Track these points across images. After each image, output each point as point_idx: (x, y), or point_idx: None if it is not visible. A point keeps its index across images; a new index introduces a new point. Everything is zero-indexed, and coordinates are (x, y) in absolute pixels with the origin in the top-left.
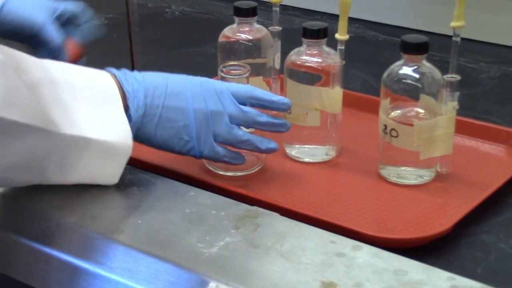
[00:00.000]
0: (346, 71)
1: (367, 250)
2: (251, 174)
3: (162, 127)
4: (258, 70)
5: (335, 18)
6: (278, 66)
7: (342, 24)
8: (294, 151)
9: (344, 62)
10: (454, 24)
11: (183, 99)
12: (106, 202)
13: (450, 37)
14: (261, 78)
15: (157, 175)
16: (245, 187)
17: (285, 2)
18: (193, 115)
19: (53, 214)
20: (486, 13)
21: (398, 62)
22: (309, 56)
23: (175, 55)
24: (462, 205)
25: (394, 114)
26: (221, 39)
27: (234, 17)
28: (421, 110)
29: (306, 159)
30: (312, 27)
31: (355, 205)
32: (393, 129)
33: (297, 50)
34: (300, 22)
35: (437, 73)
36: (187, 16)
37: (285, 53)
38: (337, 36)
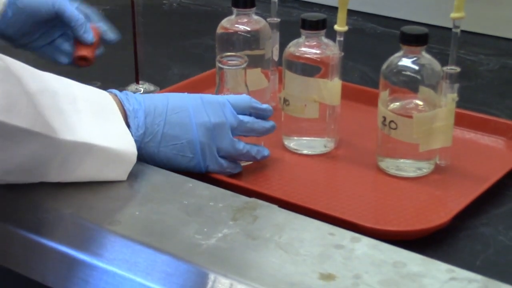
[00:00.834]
0: (344, 63)
1: (366, 242)
2: (249, 165)
3: (165, 145)
4: (256, 62)
5: (334, 10)
6: (276, 57)
7: (341, 15)
8: (293, 143)
9: (343, 54)
10: (454, 15)
11: (185, 115)
12: (103, 193)
13: (449, 29)
14: (259, 69)
15: (154, 167)
16: (243, 179)
17: None
18: (196, 131)
19: (50, 206)
20: (485, 5)
21: (398, 54)
22: (307, 47)
23: (173, 47)
24: (461, 197)
25: (393, 106)
26: (219, 31)
27: (232, 8)
28: (420, 102)
29: (305, 151)
30: (311, 18)
31: (354, 197)
32: (392, 121)
33: (295, 41)
34: (298, 14)
35: (436, 64)
36: (185, 7)
37: (283, 45)
38: (336, 27)
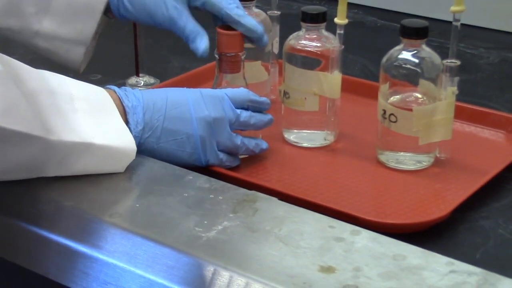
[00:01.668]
0: (345, 56)
1: (366, 235)
2: (250, 158)
3: (165, 141)
4: (256, 55)
5: (334, 3)
6: (276, 50)
7: (342, 8)
8: (293, 136)
9: (343, 47)
10: (454, 8)
11: (185, 110)
12: (104, 186)
13: (449, 22)
14: (259, 62)
15: (155, 159)
16: (243, 172)
17: None
18: (196, 125)
19: (50, 198)
20: None
21: (398, 47)
22: (308, 40)
23: (173, 40)
24: (460, 190)
25: (393, 99)
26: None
27: None
28: (420, 95)
29: (305, 144)
30: (311, 11)
31: (354, 190)
32: (392, 114)
33: (296, 34)
34: (298, 7)
35: (436, 58)
36: None
37: (283, 37)
38: (336, 20)
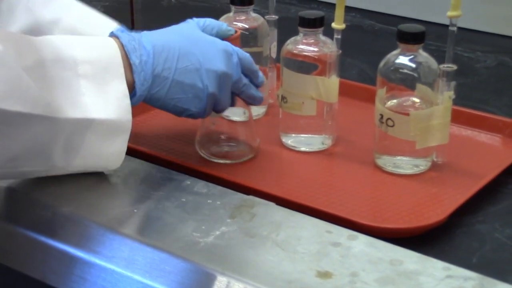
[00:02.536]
0: (342, 60)
1: (363, 240)
2: (247, 163)
3: (174, 93)
4: (254, 59)
5: (332, 6)
6: (274, 55)
7: (339, 13)
8: (290, 140)
9: (340, 52)
10: (450, 13)
11: (195, 61)
12: (101, 191)
13: (447, 26)
14: (257, 67)
15: (152, 164)
16: (241, 177)
17: None
18: (206, 79)
19: (49, 203)
20: (482, 2)
21: (395, 52)
22: (305, 45)
23: None
24: (457, 195)
25: (390, 103)
26: None
27: (231, 5)
28: (417, 100)
29: (302, 148)
30: (308, 16)
31: (351, 194)
32: (389, 118)
33: (293, 39)
34: (296, 11)
35: (433, 62)
36: (184, 4)
37: (281, 41)
38: (333, 25)
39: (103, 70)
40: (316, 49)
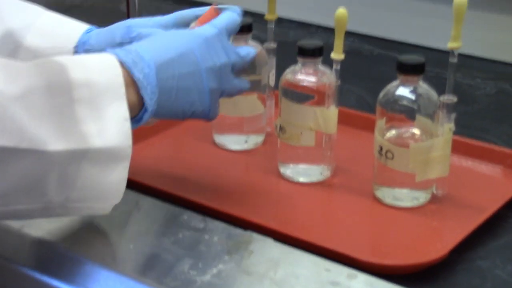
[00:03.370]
0: (341, 86)
1: (362, 279)
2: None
3: (180, 98)
4: (253, 87)
5: (331, 31)
6: (272, 83)
7: (338, 43)
8: (288, 171)
9: (339, 82)
10: (451, 44)
11: (193, 61)
12: (97, 227)
13: (446, 51)
14: (255, 95)
15: (149, 197)
16: (238, 208)
17: (279, 15)
18: (206, 78)
19: (43, 239)
20: (482, 28)
21: (394, 83)
22: (304, 75)
23: None
24: (458, 229)
25: (390, 134)
26: None
27: None
28: (417, 131)
29: (301, 179)
30: (307, 46)
31: (350, 228)
32: (388, 150)
33: (292, 68)
34: (295, 35)
35: (433, 94)
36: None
37: (279, 67)
38: (332, 55)
39: (102, 92)
40: (315, 79)
